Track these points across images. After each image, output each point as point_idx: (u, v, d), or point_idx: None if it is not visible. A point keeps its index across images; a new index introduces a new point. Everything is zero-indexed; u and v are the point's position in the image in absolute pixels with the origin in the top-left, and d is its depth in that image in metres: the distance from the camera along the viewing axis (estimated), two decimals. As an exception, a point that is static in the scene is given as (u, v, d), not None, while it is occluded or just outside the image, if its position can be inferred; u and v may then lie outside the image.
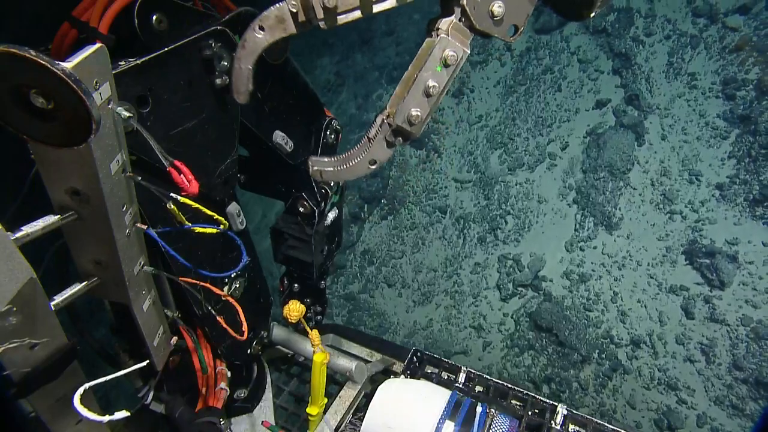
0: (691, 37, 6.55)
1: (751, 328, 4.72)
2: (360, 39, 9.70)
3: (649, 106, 6.53)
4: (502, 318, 6.25)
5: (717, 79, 6.23)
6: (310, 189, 2.29)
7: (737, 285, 5.04)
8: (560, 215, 6.56)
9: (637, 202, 6.10)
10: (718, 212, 5.58)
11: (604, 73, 7.20)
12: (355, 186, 7.92)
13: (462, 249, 6.95)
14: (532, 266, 6.24)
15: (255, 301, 2.28)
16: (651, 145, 6.32)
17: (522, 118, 7.44)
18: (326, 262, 2.66)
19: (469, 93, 8.13)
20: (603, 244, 6.03)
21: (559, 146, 6.98)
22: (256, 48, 1.37)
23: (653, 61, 6.77)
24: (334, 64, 9.97)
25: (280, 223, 2.42)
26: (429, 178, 7.68)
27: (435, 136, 7.96)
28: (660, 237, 5.78)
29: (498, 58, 8.19)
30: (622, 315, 5.45)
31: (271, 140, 2.04)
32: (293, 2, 1.22)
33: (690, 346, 5.03)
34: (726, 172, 5.75)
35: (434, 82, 1.30)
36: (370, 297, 7.09)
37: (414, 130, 1.37)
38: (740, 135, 5.78)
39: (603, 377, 5.18)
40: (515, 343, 5.90)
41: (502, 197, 6.94)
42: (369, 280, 7.28)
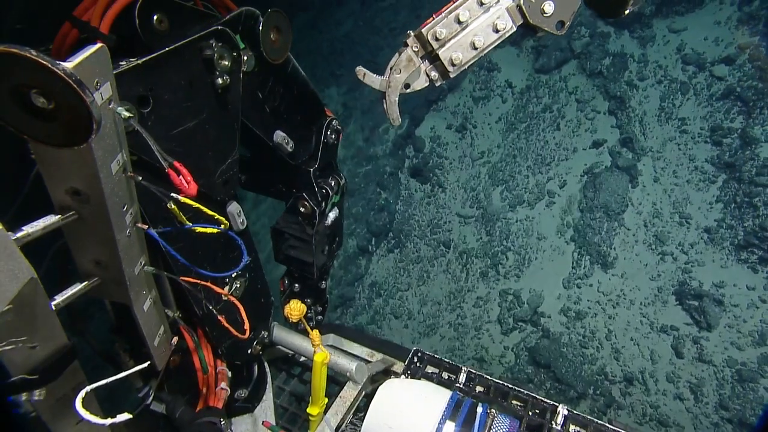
0: (681, 84, 6.98)
1: (736, 370, 5.12)
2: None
3: (642, 148, 6.95)
4: (503, 351, 6.65)
5: (705, 125, 6.65)
6: (311, 189, 2.31)
7: (723, 327, 5.44)
8: (558, 252, 6.97)
9: (630, 243, 6.50)
10: (706, 255, 5.99)
11: (600, 113, 7.63)
12: (363, 220, 8.36)
13: (465, 283, 7.36)
14: (531, 302, 6.64)
15: (256, 301, 2.29)
16: (644, 187, 6.73)
17: (522, 155, 7.87)
18: (327, 263, 2.67)
19: (472, 128, 8.56)
20: (598, 282, 6.44)
21: (558, 184, 7.40)
22: (398, 84, 1.61)
23: (646, 105, 7.20)
24: (341, 95, 10.44)
25: (280, 223, 2.44)
26: (433, 212, 8.11)
27: (439, 170, 8.40)
28: (652, 277, 6.18)
29: (500, 95, 8.64)
30: (616, 352, 5.85)
31: (271, 140, 2.06)
32: (415, 48, 1.54)
33: (680, 384, 5.42)
34: (714, 215, 6.16)
35: (482, 38, 1.50)
36: (377, 328, 7.50)
37: (452, 70, 1.55)
38: (726, 181, 6.19)
39: (598, 413, 5.57)
40: (515, 376, 6.29)
41: (504, 233, 7.35)
42: (377, 312, 7.69)
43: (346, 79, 10.49)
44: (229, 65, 1.68)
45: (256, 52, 1.83)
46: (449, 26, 1.48)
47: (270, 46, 1.86)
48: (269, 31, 1.85)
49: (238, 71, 1.75)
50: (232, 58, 1.69)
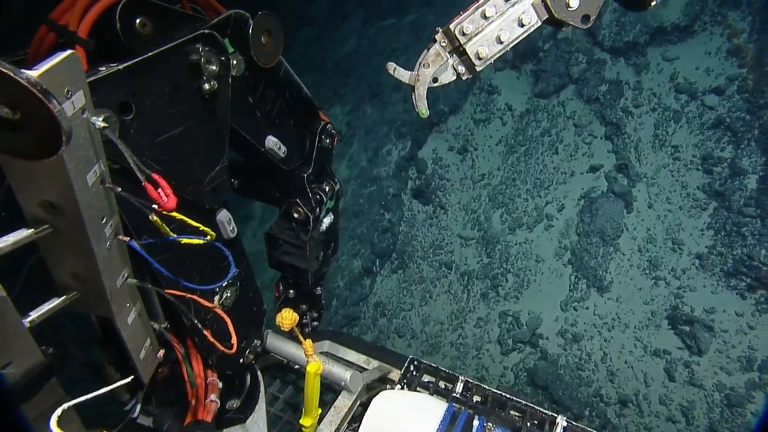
0: (674, 112, 7.31)
1: (725, 395, 5.43)
2: (370, 92, 10.53)
3: (637, 174, 7.28)
4: (502, 371, 6.97)
5: (697, 152, 6.98)
6: (305, 195, 2.30)
7: (713, 352, 5.75)
8: (556, 275, 7.29)
9: (625, 267, 6.82)
10: (697, 280, 6.31)
11: (597, 138, 7.96)
12: (368, 241, 8.70)
13: (466, 304, 7.69)
14: (530, 324, 6.97)
15: (248, 309, 2.26)
16: (639, 212, 7.05)
17: (522, 178, 8.20)
18: (322, 269, 2.64)
19: (473, 150, 8.90)
20: (595, 306, 6.75)
21: (556, 208, 7.72)
22: (427, 78, 1.67)
23: (641, 132, 7.52)
24: (345, 114, 10.79)
25: (274, 229, 2.43)
26: (436, 234, 8.44)
27: (441, 192, 8.73)
28: (646, 301, 6.50)
29: (500, 117, 8.97)
30: (611, 375, 6.17)
31: (263, 146, 2.03)
32: (443, 43, 1.62)
33: (671, 407, 5.74)
34: (705, 242, 6.48)
35: (507, 33, 1.57)
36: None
37: (478, 64, 1.61)
38: (717, 209, 6.51)
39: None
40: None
41: (503, 256, 7.68)
42: (381, 331, 8.02)
43: (350, 98, 10.85)
44: (217, 70, 1.65)
45: (246, 56, 1.80)
46: (476, 22, 1.54)
47: (260, 49, 1.83)
48: (259, 34, 1.82)
49: (227, 76, 1.72)
50: (221, 63, 1.66)
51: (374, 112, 10.21)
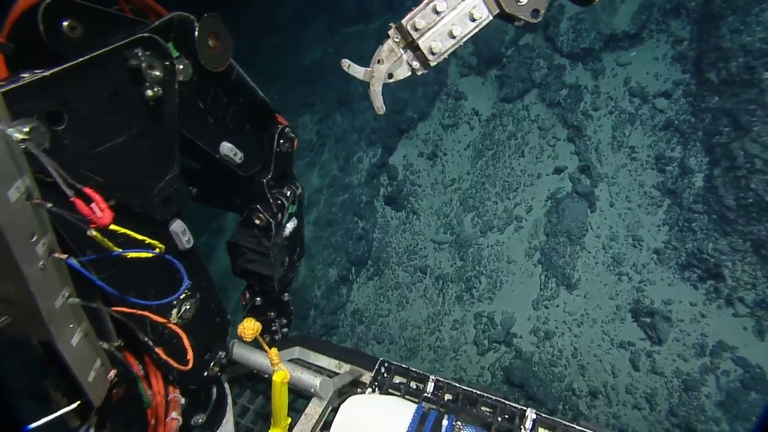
0: (629, 114, 7.79)
1: (682, 380, 5.89)
2: (338, 100, 10.66)
3: (599, 175, 7.72)
4: (480, 371, 7.26)
5: (651, 153, 7.47)
6: (265, 201, 2.27)
7: (672, 341, 6.21)
8: (527, 274, 7.64)
9: (591, 264, 7.24)
10: (656, 274, 6.77)
11: (560, 140, 8.38)
12: (343, 249, 8.84)
13: (442, 307, 7.95)
14: (504, 323, 7.28)
15: (210, 320, 2.21)
16: (602, 211, 7.49)
17: (491, 181, 8.53)
18: (288, 274, 2.63)
19: (442, 156, 9.18)
20: (564, 303, 7.13)
21: (524, 209, 8.09)
22: (381, 74, 1.68)
23: (600, 134, 7.97)
24: (314, 123, 10.87)
25: (236, 236, 2.41)
26: (409, 239, 8.67)
27: (413, 198, 8.97)
28: (611, 296, 6.92)
29: (467, 122, 9.29)
30: (582, 369, 6.55)
31: (218, 152, 1.99)
32: (396, 39, 1.63)
33: (637, 395, 6.15)
34: (661, 237, 6.96)
35: (459, 27, 1.58)
36: (361, 355, 7.99)
37: (431, 59, 1.63)
38: (671, 205, 7.01)
39: (567, 426, 6.25)
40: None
41: (476, 258, 7.98)
42: (360, 338, 8.17)
43: (319, 107, 10.94)
44: (160, 75, 1.58)
45: (193, 60, 1.75)
46: (428, 17, 1.56)
47: (208, 53, 1.78)
48: (206, 37, 1.77)
49: (173, 81, 1.66)
50: (164, 68, 1.60)
51: (344, 121, 10.35)
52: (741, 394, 5.40)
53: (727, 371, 5.66)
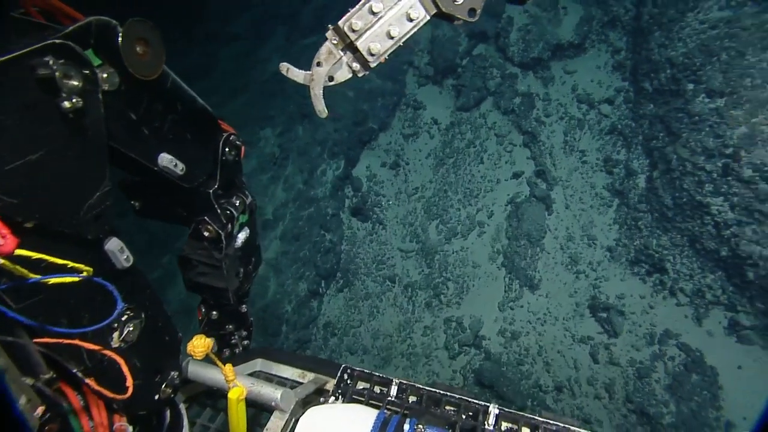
0: (578, 120, 8.40)
1: (636, 369, 6.45)
2: (299, 112, 10.83)
3: (553, 178, 8.27)
4: (452, 374, 7.63)
5: (600, 156, 8.09)
6: (213, 212, 2.23)
7: (626, 333, 6.78)
8: (492, 278, 8.09)
9: (551, 265, 7.76)
10: (609, 271, 7.36)
11: (517, 146, 8.90)
12: (311, 263, 9.02)
13: (412, 314, 8.28)
14: (472, 327, 7.69)
15: (158, 340, 2.14)
16: (558, 214, 8.04)
17: (453, 189, 8.95)
18: (244, 285, 2.60)
19: (404, 165, 9.53)
20: (528, 303, 7.61)
21: (486, 215, 8.55)
22: (321, 77, 1.68)
23: (553, 139, 8.54)
24: (276, 137, 10.99)
25: (186, 250, 2.36)
26: (377, 249, 8.96)
27: (378, 208, 9.27)
28: (570, 294, 7.46)
29: (427, 131, 9.69)
30: (547, 365, 7.03)
31: (156, 164, 1.92)
32: (334, 41, 1.65)
33: (597, 386, 6.68)
34: (612, 236, 7.56)
35: (397, 28, 1.61)
36: (335, 368, 8.20)
37: (371, 60, 1.64)
38: (619, 205, 7.63)
39: (535, 421, 6.70)
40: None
41: (442, 265, 8.36)
42: (333, 351, 8.38)
43: (280, 120, 11.07)
44: (79, 85, 1.49)
45: (119, 68, 1.67)
46: (364, 18, 1.58)
47: (137, 60, 1.70)
48: (133, 43, 1.69)
49: (95, 91, 1.58)
50: (84, 77, 1.51)
51: (305, 133, 10.53)
52: (684, 377, 5.99)
53: (673, 357, 6.26)
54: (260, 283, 9.23)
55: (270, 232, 9.85)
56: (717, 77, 6.02)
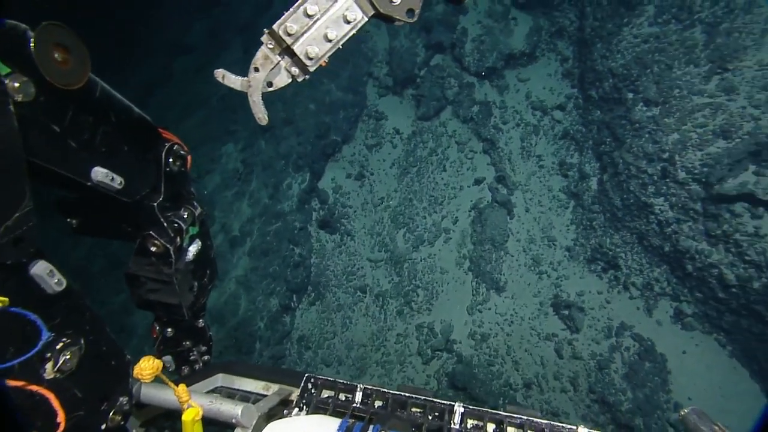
0: (533, 126, 8.97)
1: (596, 361, 7.03)
2: (261, 127, 10.95)
3: (513, 183, 8.80)
4: (426, 379, 8.01)
5: (555, 160, 8.69)
6: (159, 226, 2.16)
7: (586, 328, 7.35)
8: (459, 282, 8.53)
9: (515, 267, 8.27)
10: (569, 269, 7.93)
11: (477, 152, 9.40)
12: (282, 278, 9.20)
13: (385, 323, 8.61)
14: (443, 332, 8.10)
15: (103, 365, 2.07)
16: (519, 217, 8.57)
17: (418, 197, 9.35)
18: (199, 299, 2.56)
19: (369, 176, 9.87)
20: (495, 306, 8.09)
21: (451, 221, 8.99)
22: (259, 83, 1.65)
23: (511, 145, 9.09)
24: (239, 152, 11.10)
25: (132, 267, 2.28)
26: (346, 260, 9.24)
27: (345, 219, 9.56)
28: (534, 294, 7.99)
29: (390, 141, 10.06)
30: (516, 364, 7.52)
31: (89, 180, 1.84)
32: (270, 45, 1.63)
33: (563, 380, 7.21)
34: (570, 236, 8.15)
35: (334, 30, 1.61)
36: (311, 382, 8.43)
37: (309, 64, 1.63)
38: (575, 207, 8.23)
39: (507, 418, 7.17)
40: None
41: (411, 272, 8.74)
42: (308, 364, 8.61)
43: (242, 134, 11.18)
44: None
45: (34, 77, 1.59)
46: (300, 21, 1.58)
47: (55, 68, 1.62)
48: (48, 50, 1.61)
49: (4, 102, 1.51)
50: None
51: (269, 147, 10.69)
52: (638, 365, 6.60)
53: (628, 347, 6.86)
54: (231, 302, 9.35)
55: (238, 249, 9.98)
56: (651, 88, 6.66)
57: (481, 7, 9.89)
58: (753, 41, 6.06)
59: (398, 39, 10.50)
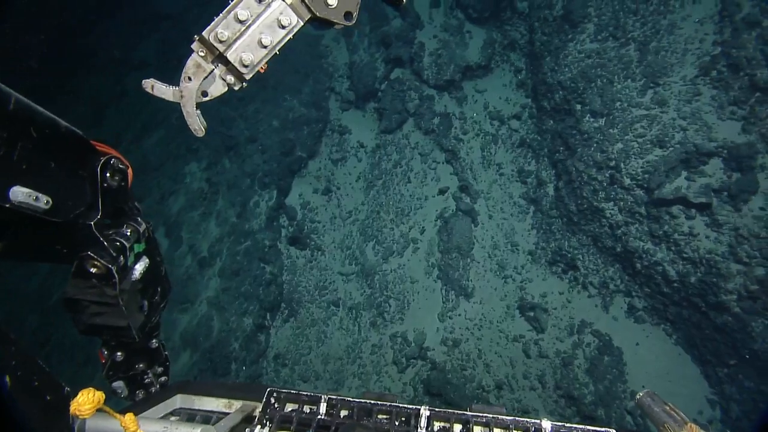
0: (492, 136, 9.60)
1: (561, 358, 7.67)
2: (224, 145, 11.16)
3: (476, 192, 9.39)
4: (403, 387, 8.46)
5: (514, 167, 9.33)
6: (99, 245, 2.09)
7: (551, 327, 8.00)
8: (430, 291, 9.04)
9: (482, 273, 8.85)
10: (532, 272, 8.57)
11: (440, 163, 9.94)
12: (254, 297, 9.45)
13: (359, 335, 9.01)
14: (416, 340, 8.58)
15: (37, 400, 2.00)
16: (483, 224, 9.16)
17: (385, 210, 9.80)
18: (151, 319, 2.50)
19: (336, 190, 10.25)
20: (465, 311, 8.64)
21: (418, 231, 9.49)
22: (192, 93, 1.63)
23: (472, 155, 9.68)
24: (202, 171, 11.24)
25: (70, 291, 2.20)
26: (318, 275, 9.59)
27: (315, 235, 9.91)
28: (501, 298, 8.58)
29: (354, 155, 10.48)
30: (487, 366, 8.08)
31: (7, 200, 1.77)
32: (201, 53, 1.60)
33: (531, 378, 7.82)
34: (532, 240, 8.81)
35: (269, 36, 1.58)
36: (290, 398, 8.73)
37: (245, 72, 1.61)
38: (535, 212, 8.90)
39: (481, 418, 7.71)
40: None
41: (382, 284, 9.19)
42: (286, 381, 8.90)
43: (204, 153, 11.32)
44: None
45: None
46: (231, 26, 1.55)
47: None
48: None
49: None
50: None
51: (233, 166, 10.90)
52: (598, 359, 7.28)
53: (589, 343, 7.54)
54: (204, 324, 9.52)
55: (207, 270, 10.15)
56: (596, 100, 7.36)
57: (436, 22, 10.47)
58: (677, 59, 6.85)
59: (358, 53, 10.94)
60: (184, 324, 9.74)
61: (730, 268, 6.12)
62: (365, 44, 10.96)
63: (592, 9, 7.93)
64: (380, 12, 10.91)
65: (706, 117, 6.62)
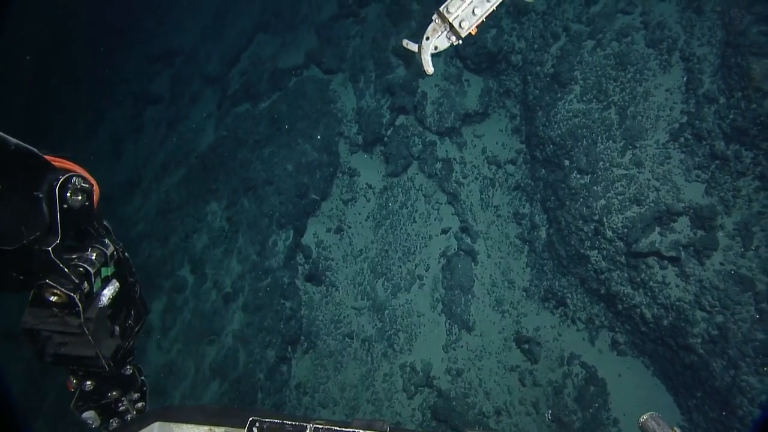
0: (489, 179, 10.65)
1: (553, 387, 8.76)
2: (243, 186, 12.26)
3: (476, 232, 10.45)
4: (412, 412, 9.56)
5: (510, 209, 10.39)
6: (59, 272, 1.95)
7: (543, 359, 9.08)
8: (435, 324, 10.13)
9: (482, 308, 9.92)
10: (527, 308, 9.65)
11: (442, 204, 11.01)
12: (276, 331, 10.56)
13: (372, 365, 10.11)
14: (424, 369, 9.67)
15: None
16: (482, 263, 10.23)
17: (393, 248, 10.88)
18: (124, 344, 2.39)
19: (347, 229, 11.33)
20: (467, 343, 9.72)
21: (424, 268, 10.56)
22: (429, 47, 2.39)
23: (472, 197, 10.74)
24: (223, 210, 12.35)
25: (29, 321, 2.06)
26: (333, 310, 10.69)
27: (329, 272, 10.99)
28: (499, 331, 9.66)
29: (363, 195, 11.55)
30: (487, 394, 9.17)
31: None
32: (438, 21, 2.34)
33: (527, 404, 8.91)
34: (527, 278, 9.87)
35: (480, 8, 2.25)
36: (311, 424, 9.84)
37: (462, 32, 2.29)
38: (529, 252, 9.96)
39: (483, 442, 8.81)
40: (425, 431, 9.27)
41: (392, 318, 10.27)
42: (307, 408, 10.01)
43: (224, 193, 12.43)
44: None
45: None
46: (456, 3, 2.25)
47: None
48: None
49: None
50: None
51: (252, 206, 11.99)
52: (585, 389, 8.35)
53: (577, 374, 8.62)
54: (231, 356, 10.64)
55: (232, 305, 11.26)
56: (582, 159, 8.41)
57: (437, 70, 11.51)
58: (651, 124, 7.88)
59: (365, 99, 12.00)
60: (212, 355, 10.87)
61: (696, 315, 7.17)
62: (371, 90, 12.01)
63: (578, 72, 8.96)
64: (384, 60, 11.96)
65: (676, 179, 7.66)
